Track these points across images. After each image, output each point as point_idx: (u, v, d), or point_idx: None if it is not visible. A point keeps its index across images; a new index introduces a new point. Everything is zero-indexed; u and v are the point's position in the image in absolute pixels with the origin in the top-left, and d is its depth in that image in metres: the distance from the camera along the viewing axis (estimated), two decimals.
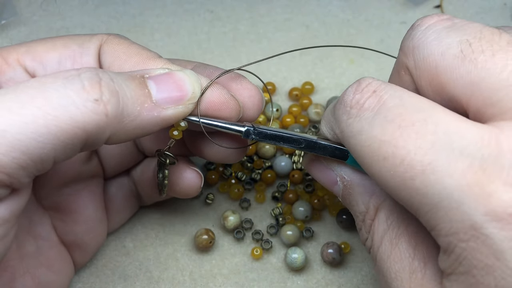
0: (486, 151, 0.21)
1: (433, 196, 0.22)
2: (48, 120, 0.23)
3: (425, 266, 0.25)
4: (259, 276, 0.35)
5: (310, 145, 0.29)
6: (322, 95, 0.40)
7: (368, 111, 0.24)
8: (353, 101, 0.25)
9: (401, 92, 0.24)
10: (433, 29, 0.25)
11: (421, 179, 0.22)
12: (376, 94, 0.24)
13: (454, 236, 0.22)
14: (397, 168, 0.22)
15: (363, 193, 0.28)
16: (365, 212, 0.28)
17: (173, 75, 0.27)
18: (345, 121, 0.25)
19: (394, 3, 0.43)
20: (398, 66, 0.27)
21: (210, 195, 0.37)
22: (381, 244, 0.27)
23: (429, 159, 0.22)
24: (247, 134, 0.29)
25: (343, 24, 0.43)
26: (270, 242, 0.36)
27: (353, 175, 0.29)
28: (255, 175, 0.37)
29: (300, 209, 0.36)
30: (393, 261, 0.26)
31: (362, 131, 0.24)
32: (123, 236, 0.36)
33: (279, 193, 0.37)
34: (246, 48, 0.42)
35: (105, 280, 0.35)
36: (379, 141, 0.23)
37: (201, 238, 0.35)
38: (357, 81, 0.26)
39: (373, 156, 0.23)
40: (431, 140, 0.22)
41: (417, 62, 0.25)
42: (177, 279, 0.35)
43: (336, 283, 0.35)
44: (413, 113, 0.23)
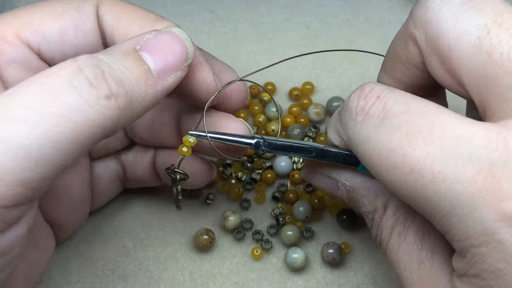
0: (494, 155, 0.21)
1: (445, 204, 0.22)
2: (68, 127, 0.22)
3: (433, 256, 0.25)
4: (259, 276, 0.35)
5: (321, 153, 0.29)
6: (322, 95, 0.40)
7: (373, 118, 0.24)
8: (358, 107, 0.25)
9: (405, 97, 0.24)
10: (450, 4, 0.24)
11: (432, 188, 0.22)
12: (380, 100, 0.24)
13: (466, 241, 0.22)
14: (408, 177, 0.22)
15: (368, 195, 0.28)
16: (373, 211, 0.28)
17: (163, 38, 0.26)
18: (351, 128, 0.25)
19: (394, 3, 0.43)
20: (405, 35, 0.26)
21: (210, 195, 0.37)
22: (390, 238, 0.27)
23: (438, 166, 0.22)
24: (257, 146, 0.29)
25: (343, 24, 0.43)
26: (270, 242, 0.36)
27: (354, 179, 0.29)
28: (255, 175, 0.37)
29: (300, 209, 0.36)
30: (402, 253, 0.26)
31: (369, 139, 0.24)
32: (123, 236, 0.36)
33: (279, 193, 0.37)
34: (246, 48, 0.42)
35: (105, 280, 0.35)
36: (387, 150, 0.23)
37: (201, 238, 0.35)
38: (360, 87, 0.26)
39: (382, 165, 0.23)
40: (439, 146, 0.22)
41: (429, 39, 0.24)
42: (177, 279, 0.35)
43: (336, 283, 0.35)
44: (419, 118, 0.23)
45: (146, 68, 0.25)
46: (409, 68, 0.27)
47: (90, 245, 0.36)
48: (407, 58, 0.26)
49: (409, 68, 0.27)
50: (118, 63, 0.24)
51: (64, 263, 0.35)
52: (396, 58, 0.27)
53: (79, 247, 0.36)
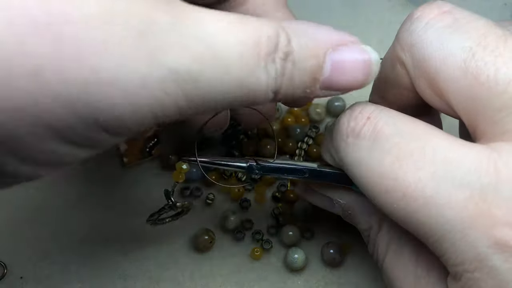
0: (485, 180, 0.21)
1: (437, 228, 0.22)
2: None
3: (428, 273, 0.25)
4: (259, 276, 0.35)
5: (314, 173, 0.29)
6: None
7: (365, 140, 0.24)
8: (349, 129, 0.24)
9: (395, 118, 0.24)
10: (434, 27, 0.24)
11: (424, 213, 0.22)
12: (370, 121, 0.24)
13: (460, 267, 0.22)
14: (400, 202, 0.22)
15: (363, 213, 0.28)
16: (369, 229, 0.28)
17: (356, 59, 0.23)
18: (343, 150, 0.25)
19: (394, 4, 0.43)
20: (392, 57, 0.26)
21: (210, 195, 0.37)
22: (386, 255, 0.27)
23: (430, 191, 0.22)
24: (250, 170, 0.29)
25: (343, 24, 0.43)
26: (270, 242, 0.36)
27: (348, 197, 0.29)
28: (256, 175, 0.37)
29: (300, 209, 0.36)
30: (398, 270, 0.26)
31: (361, 162, 0.24)
32: (124, 236, 0.36)
33: (280, 193, 0.37)
34: None
35: (105, 280, 0.35)
36: (378, 174, 0.23)
37: (202, 238, 0.35)
38: (350, 108, 0.25)
39: (374, 189, 0.23)
40: (430, 171, 0.22)
41: (415, 62, 0.24)
42: (177, 279, 0.35)
43: (336, 283, 0.35)
44: (410, 142, 0.23)
45: (317, 78, 0.23)
46: (398, 90, 0.26)
47: (91, 245, 0.36)
48: (396, 80, 0.26)
49: (399, 90, 0.26)
50: (302, 61, 0.22)
51: (64, 263, 0.35)
52: (386, 80, 0.27)
53: (80, 247, 0.36)
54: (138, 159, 0.38)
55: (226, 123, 0.33)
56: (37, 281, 0.35)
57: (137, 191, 0.37)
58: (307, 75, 0.22)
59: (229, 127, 0.36)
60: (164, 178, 0.38)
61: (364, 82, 0.24)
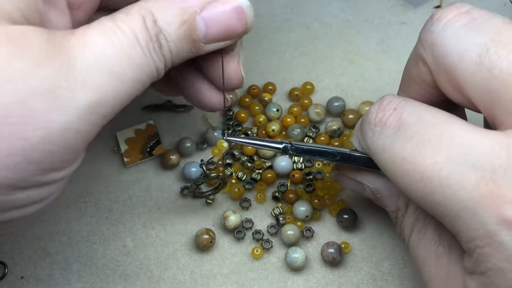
0: (496, 162, 0.23)
1: (452, 208, 0.23)
2: None
3: (450, 252, 0.27)
4: (260, 276, 0.35)
5: (345, 157, 0.31)
6: (322, 95, 0.40)
7: (390, 129, 0.26)
8: (377, 119, 0.27)
9: (419, 109, 0.26)
10: (452, 26, 0.26)
11: (440, 193, 0.24)
12: (396, 111, 0.26)
13: (472, 243, 0.23)
14: (418, 184, 0.24)
15: (390, 196, 0.30)
16: (396, 210, 0.30)
17: (227, 11, 0.27)
18: (370, 138, 0.27)
19: (394, 4, 0.43)
20: (415, 56, 0.28)
21: (210, 195, 0.37)
22: (411, 234, 0.29)
23: (445, 173, 0.23)
24: (285, 151, 0.31)
25: (343, 24, 0.43)
26: (270, 242, 0.36)
27: (377, 182, 0.31)
28: (256, 175, 0.37)
29: (301, 209, 0.36)
30: (421, 249, 0.28)
31: (385, 148, 0.26)
32: (124, 235, 0.36)
33: (280, 193, 0.37)
34: (246, 48, 0.42)
35: (105, 280, 0.35)
36: (400, 158, 0.25)
37: (202, 238, 0.35)
38: (380, 100, 0.28)
39: (396, 172, 0.25)
40: (446, 155, 0.24)
41: (435, 59, 0.26)
42: (178, 278, 0.35)
43: (336, 283, 0.35)
44: (430, 129, 0.25)
45: (196, 39, 0.27)
46: (422, 87, 0.29)
47: (91, 244, 0.36)
48: (419, 77, 0.28)
49: (422, 87, 0.29)
50: (173, 33, 0.26)
51: (64, 262, 0.35)
52: (410, 78, 0.29)
53: (80, 247, 0.36)
54: (139, 159, 0.38)
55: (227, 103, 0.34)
56: (37, 280, 0.35)
57: (137, 191, 0.37)
58: (184, 40, 0.26)
59: (229, 127, 0.36)
60: (164, 178, 0.38)
61: (244, 27, 0.28)
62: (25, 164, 0.22)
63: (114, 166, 0.38)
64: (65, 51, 0.23)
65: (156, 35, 0.25)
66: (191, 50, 0.27)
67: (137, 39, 0.25)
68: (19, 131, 0.22)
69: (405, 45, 0.42)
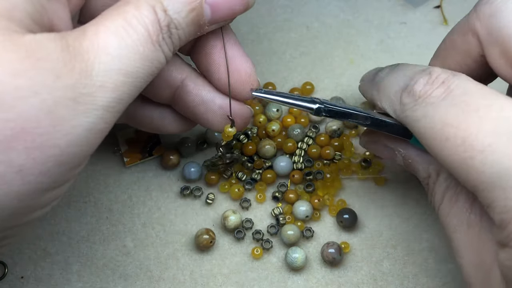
0: None
1: (491, 175, 0.23)
2: None
3: (481, 220, 0.26)
4: (260, 276, 0.35)
5: (376, 122, 0.30)
6: (322, 95, 0.40)
7: (435, 98, 0.26)
8: (423, 91, 0.27)
9: (468, 83, 0.26)
10: None
11: (480, 159, 0.24)
12: (444, 84, 0.26)
13: (507, 214, 0.23)
14: (458, 148, 0.24)
15: (422, 162, 0.30)
16: (427, 177, 0.30)
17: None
18: (411, 107, 0.27)
19: (394, 4, 0.43)
20: (464, 27, 0.28)
21: (210, 195, 0.37)
22: (442, 202, 0.29)
23: (489, 141, 0.23)
24: (318, 112, 0.30)
25: (343, 24, 0.43)
26: (270, 242, 0.36)
27: (409, 149, 0.31)
28: (256, 175, 0.37)
29: (301, 209, 0.36)
30: (453, 216, 0.28)
31: (427, 115, 0.26)
32: (124, 235, 0.36)
33: (280, 193, 0.37)
34: (246, 48, 0.42)
35: (105, 280, 0.35)
36: (442, 123, 0.25)
37: (202, 238, 0.35)
38: (427, 72, 0.27)
39: (435, 137, 0.25)
40: (493, 124, 0.24)
41: (491, 30, 0.27)
42: (178, 278, 0.35)
43: (336, 283, 0.35)
44: (478, 99, 0.25)
45: (202, 24, 0.28)
46: (464, 58, 0.29)
47: (91, 244, 0.36)
48: (464, 48, 0.28)
49: (464, 58, 0.29)
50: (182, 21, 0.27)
51: (64, 262, 0.35)
52: (453, 48, 0.29)
53: (80, 247, 0.36)
54: (138, 159, 0.38)
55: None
56: (37, 280, 0.35)
57: (137, 191, 0.37)
58: (192, 26, 0.27)
59: None
60: (164, 178, 0.38)
61: (246, 7, 0.29)
62: (56, 168, 0.23)
63: (114, 166, 0.38)
64: (81, 57, 0.24)
65: (167, 25, 0.26)
66: (196, 34, 0.28)
67: (149, 34, 0.25)
68: (50, 139, 0.22)
69: (405, 45, 0.42)
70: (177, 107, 0.33)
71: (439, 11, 0.43)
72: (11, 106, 0.22)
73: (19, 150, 0.22)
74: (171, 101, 0.33)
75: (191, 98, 0.32)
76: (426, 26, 0.42)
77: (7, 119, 0.22)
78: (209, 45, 0.31)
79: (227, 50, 0.31)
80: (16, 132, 0.22)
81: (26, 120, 0.22)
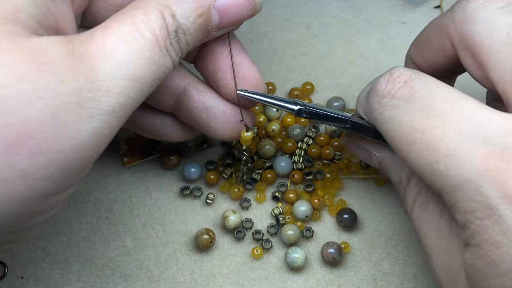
0: (507, 140, 0.23)
1: (455, 178, 0.24)
2: None
3: (451, 225, 0.27)
4: (260, 276, 0.35)
5: (355, 126, 0.31)
6: (322, 95, 0.40)
7: (399, 100, 0.26)
8: (385, 91, 0.27)
9: (430, 83, 0.26)
10: (488, 7, 0.26)
11: (445, 163, 0.24)
12: (407, 84, 0.26)
13: (471, 214, 0.24)
14: (424, 152, 0.25)
15: (395, 166, 0.31)
16: (399, 182, 0.31)
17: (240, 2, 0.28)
18: (377, 109, 0.27)
19: (394, 4, 0.43)
20: (441, 27, 0.29)
21: (210, 195, 0.37)
22: (413, 207, 0.29)
23: (453, 145, 0.24)
24: (299, 113, 0.31)
25: (343, 24, 0.43)
26: (270, 242, 0.36)
27: (383, 152, 0.32)
28: (256, 175, 0.37)
29: (301, 209, 0.36)
30: (424, 221, 0.29)
31: (393, 119, 0.26)
32: (124, 235, 0.36)
33: (279, 193, 0.37)
34: (246, 48, 0.42)
35: (105, 280, 0.35)
36: (409, 128, 0.25)
37: (202, 238, 0.35)
38: (389, 71, 0.28)
39: (402, 141, 0.26)
40: (457, 128, 0.24)
41: (463, 35, 0.27)
42: (178, 278, 0.35)
43: (336, 282, 0.35)
44: (442, 103, 0.25)
45: (210, 29, 0.28)
46: (439, 55, 0.29)
47: (91, 244, 0.36)
48: (439, 47, 0.29)
49: (439, 56, 0.29)
50: (190, 26, 0.27)
51: (64, 262, 0.35)
52: (429, 44, 0.30)
53: (80, 247, 0.36)
54: (138, 159, 0.38)
55: None
56: (37, 280, 0.35)
57: (137, 191, 0.37)
58: (200, 31, 0.27)
59: None
60: (164, 178, 0.38)
61: (253, 12, 0.29)
62: (60, 173, 0.23)
63: (114, 166, 0.38)
64: (87, 62, 0.23)
65: (175, 30, 0.26)
66: (203, 39, 0.28)
67: (157, 39, 0.25)
68: (54, 144, 0.22)
69: (405, 45, 0.41)
70: (179, 114, 0.33)
71: (439, 11, 0.43)
72: (15, 111, 0.21)
73: (22, 154, 0.22)
74: (173, 109, 0.33)
75: (194, 105, 0.32)
76: None
77: (11, 123, 0.21)
78: (215, 52, 0.31)
79: (233, 57, 0.31)
80: (20, 137, 0.22)
81: (30, 125, 0.22)
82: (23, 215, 0.23)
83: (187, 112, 0.32)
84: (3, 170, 0.22)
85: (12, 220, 0.23)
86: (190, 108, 0.32)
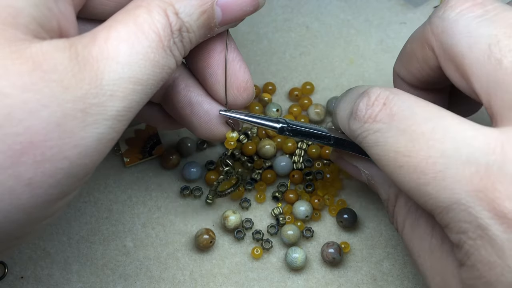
0: (491, 158, 0.23)
1: (444, 200, 0.24)
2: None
3: (442, 243, 0.27)
4: (260, 276, 0.35)
5: (339, 142, 0.31)
6: (322, 95, 0.40)
7: (381, 123, 0.26)
8: (366, 116, 0.27)
9: (410, 102, 0.26)
10: (465, 16, 0.26)
11: (433, 185, 0.24)
12: (386, 106, 0.26)
13: (463, 235, 0.24)
14: (412, 175, 0.24)
15: (383, 183, 0.31)
16: (387, 199, 0.30)
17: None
18: (360, 134, 0.27)
19: (394, 4, 0.43)
20: (422, 38, 0.28)
21: (210, 195, 0.37)
22: (404, 226, 0.29)
23: (439, 167, 0.24)
24: (281, 131, 0.31)
25: (343, 24, 0.43)
26: (270, 242, 0.36)
27: (371, 168, 0.31)
28: (256, 175, 0.37)
29: (301, 209, 0.36)
30: (415, 242, 0.28)
31: (378, 143, 0.26)
32: (124, 235, 0.36)
33: (279, 193, 0.37)
34: (246, 48, 0.42)
35: (105, 280, 0.35)
36: (394, 152, 0.25)
37: (202, 238, 0.35)
38: (366, 94, 0.27)
39: (389, 165, 0.25)
40: (440, 149, 0.24)
41: (444, 46, 0.27)
42: (178, 278, 0.35)
43: (336, 282, 0.35)
44: (422, 123, 0.25)
45: (213, 26, 0.28)
46: (423, 67, 0.29)
47: (91, 244, 0.36)
48: (423, 59, 0.29)
49: (423, 67, 0.29)
50: (193, 24, 0.27)
51: (64, 262, 0.35)
52: (413, 56, 0.29)
53: (80, 247, 0.36)
54: (138, 159, 0.38)
55: None
56: (37, 280, 0.35)
57: (137, 191, 0.37)
58: (203, 28, 0.27)
59: None
60: (164, 178, 0.38)
61: (256, 7, 0.29)
62: (65, 180, 0.23)
63: (114, 166, 0.38)
64: (90, 67, 0.23)
65: (179, 29, 0.26)
66: (206, 36, 0.28)
67: (160, 39, 0.25)
68: (59, 152, 0.22)
69: None
70: (166, 106, 0.33)
71: None
72: (20, 120, 0.21)
73: (28, 163, 0.22)
74: (161, 100, 0.33)
75: (179, 99, 0.31)
76: None
77: (16, 133, 0.21)
78: (208, 48, 0.30)
79: (227, 55, 0.30)
80: (25, 146, 0.22)
81: (35, 134, 0.22)
82: (28, 222, 0.23)
83: (172, 104, 0.32)
84: (8, 180, 0.22)
85: (17, 227, 0.23)
86: (175, 101, 0.32)
